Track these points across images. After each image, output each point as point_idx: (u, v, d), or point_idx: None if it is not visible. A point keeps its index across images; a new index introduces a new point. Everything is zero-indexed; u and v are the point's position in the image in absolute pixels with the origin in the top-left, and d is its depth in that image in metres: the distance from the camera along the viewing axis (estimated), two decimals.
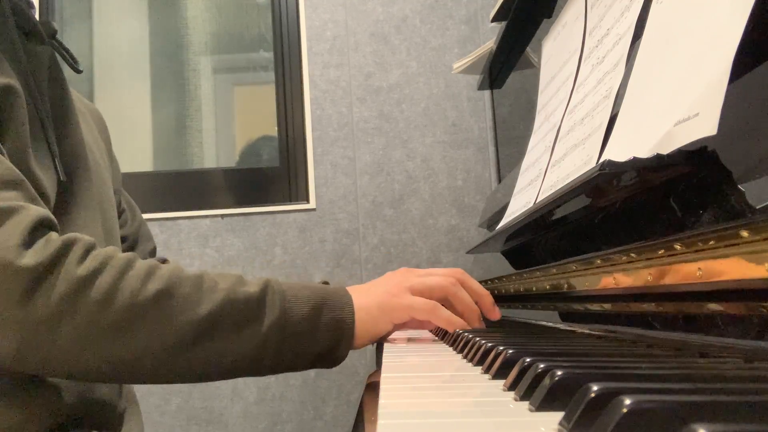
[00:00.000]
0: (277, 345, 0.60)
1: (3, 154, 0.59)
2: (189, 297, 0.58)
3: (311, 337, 0.62)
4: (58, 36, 0.75)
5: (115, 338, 0.55)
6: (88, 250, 0.57)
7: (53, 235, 0.57)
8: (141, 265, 0.58)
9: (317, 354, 0.63)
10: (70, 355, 0.55)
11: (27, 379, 0.61)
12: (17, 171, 0.59)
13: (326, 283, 0.70)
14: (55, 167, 0.67)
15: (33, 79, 0.66)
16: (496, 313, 0.76)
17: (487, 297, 0.75)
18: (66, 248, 0.56)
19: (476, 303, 0.74)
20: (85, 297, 0.54)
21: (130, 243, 0.91)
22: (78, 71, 0.79)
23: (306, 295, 0.63)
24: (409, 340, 0.79)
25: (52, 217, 0.59)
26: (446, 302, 0.71)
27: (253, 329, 0.59)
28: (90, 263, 0.56)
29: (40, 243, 0.55)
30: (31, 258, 0.53)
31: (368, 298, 0.66)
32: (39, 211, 0.57)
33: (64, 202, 0.69)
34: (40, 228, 0.56)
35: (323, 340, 0.62)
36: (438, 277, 0.71)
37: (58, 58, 0.75)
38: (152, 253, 0.96)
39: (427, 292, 0.69)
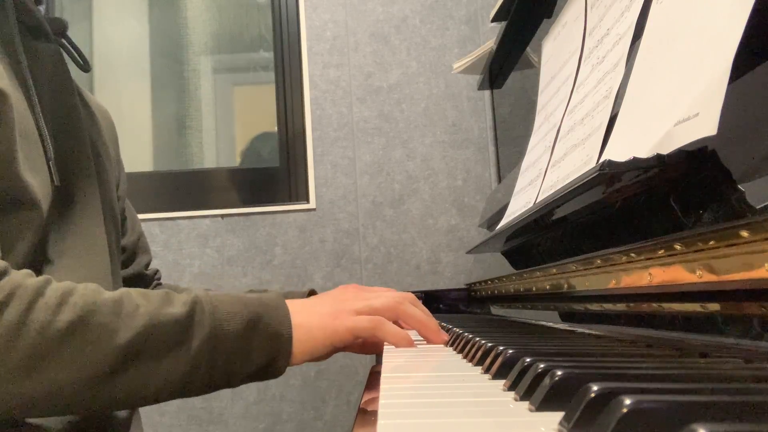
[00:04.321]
0: (208, 367, 0.57)
1: None
2: (106, 325, 0.54)
3: (245, 356, 0.59)
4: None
5: (26, 376, 0.51)
6: None
7: None
8: (53, 292, 0.54)
9: (252, 372, 0.60)
10: None
11: None
12: None
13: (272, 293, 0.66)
14: (50, 171, 0.65)
15: (32, 78, 0.65)
16: (439, 338, 0.69)
17: (428, 324, 0.69)
18: None
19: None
20: None
21: (128, 254, 0.90)
22: (85, 70, 0.78)
23: (239, 311, 0.59)
24: None
25: None
26: (397, 323, 0.68)
27: (179, 353, 0.56)
28: None
29: None
30: None
31: (309, 317, 0.63)
32: None
33: (64, 208, 0.67)
34: None
35: (258, 357, 0.59)
36: (384, 298, 0.68)
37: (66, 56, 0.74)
38: (147, 266, 0.94)
39: (374, 313, 0.65)
